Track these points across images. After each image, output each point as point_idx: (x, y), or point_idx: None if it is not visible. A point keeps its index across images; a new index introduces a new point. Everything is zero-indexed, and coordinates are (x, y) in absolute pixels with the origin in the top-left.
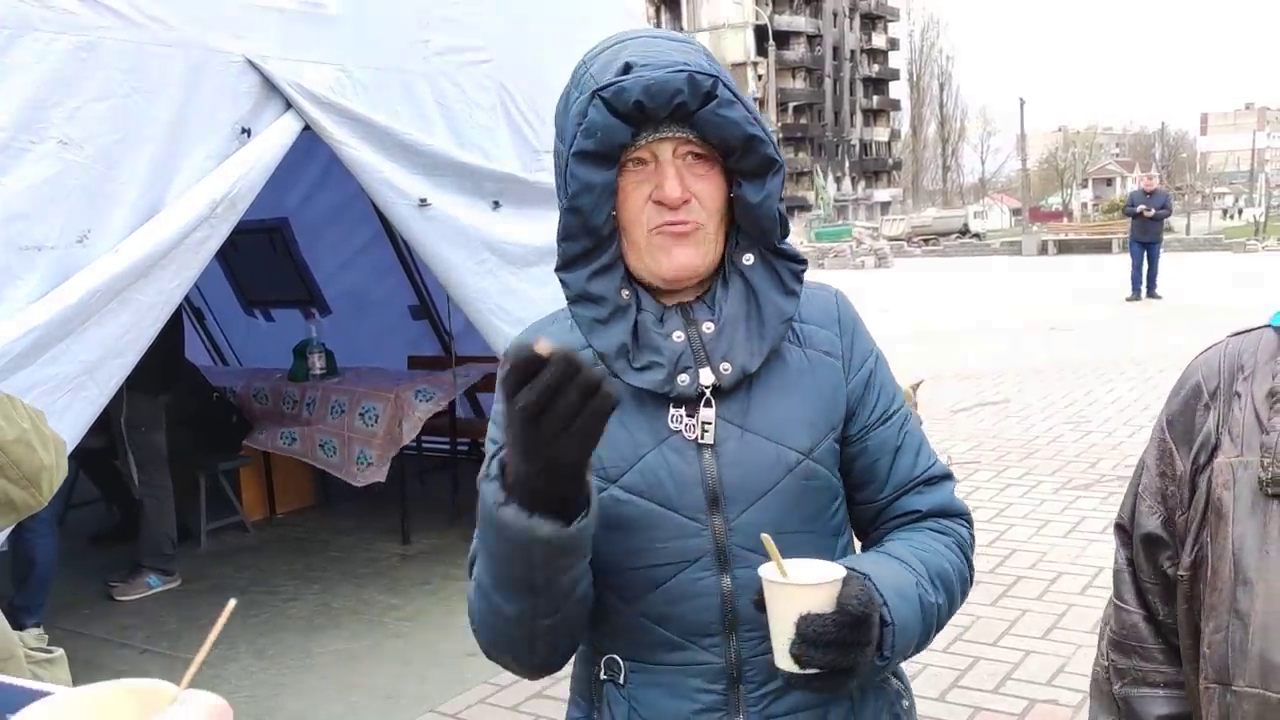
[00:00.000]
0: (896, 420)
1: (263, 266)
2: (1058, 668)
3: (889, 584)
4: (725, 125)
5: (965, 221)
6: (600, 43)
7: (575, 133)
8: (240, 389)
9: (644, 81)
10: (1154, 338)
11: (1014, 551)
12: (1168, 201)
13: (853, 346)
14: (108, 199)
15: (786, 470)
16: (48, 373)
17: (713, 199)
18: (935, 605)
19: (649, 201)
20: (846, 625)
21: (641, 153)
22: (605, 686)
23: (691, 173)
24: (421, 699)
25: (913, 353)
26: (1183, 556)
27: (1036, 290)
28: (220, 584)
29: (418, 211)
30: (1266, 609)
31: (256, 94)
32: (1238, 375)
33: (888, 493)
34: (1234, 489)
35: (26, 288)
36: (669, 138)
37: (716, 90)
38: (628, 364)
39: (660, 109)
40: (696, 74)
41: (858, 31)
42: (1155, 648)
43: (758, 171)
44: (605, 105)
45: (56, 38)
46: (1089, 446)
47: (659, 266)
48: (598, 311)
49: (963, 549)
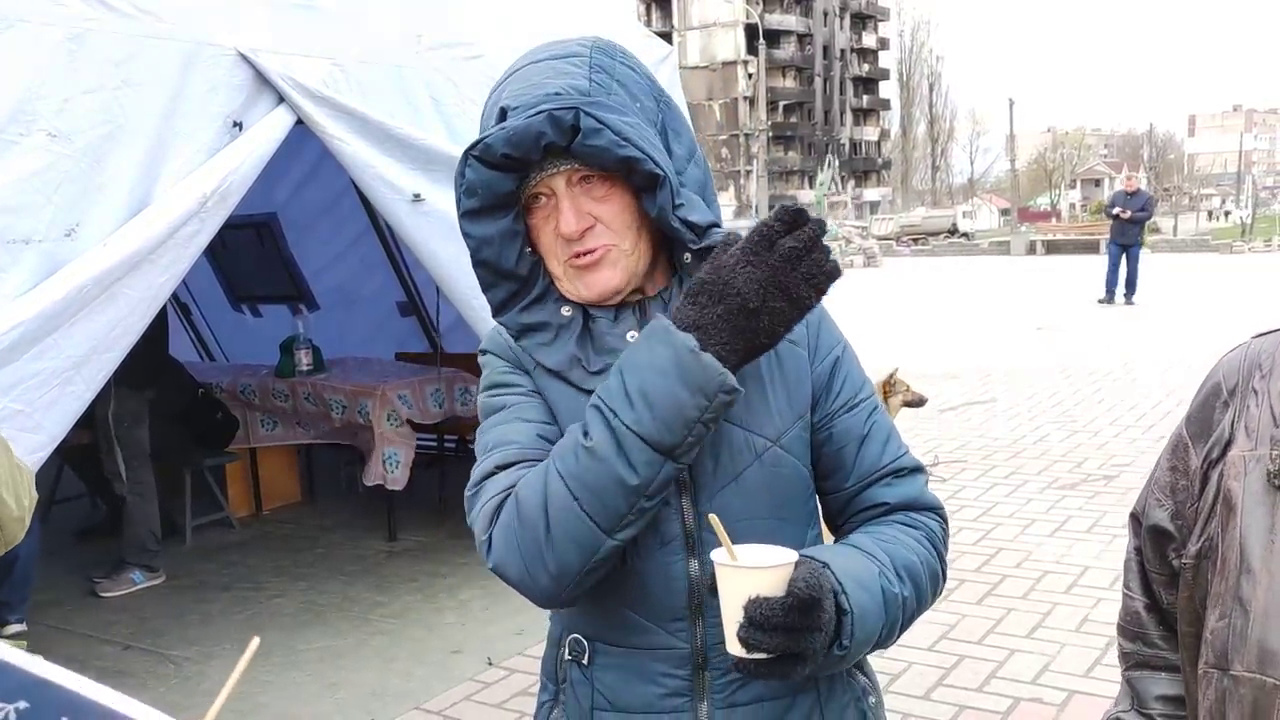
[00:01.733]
0: (863, 409)
1: (251, 262)
2: (1042, 666)
3: (848, 572)
4: (595, 153)
5: (954, 221)
6: (501, 75)
7: (459, 195)
8: (227, 384)
9: (505, 134)
10: (1140, 338)
11: (1000, 550)
12: (1148, 203)
13: (819, 335)
14: (97, 192)
15: (755, 456)
16: (34, 367)
17: (619, 217)
18: (899, 597)
19: (556, 235)
20: (794, 609)
21: (539, 188)
22: (570, 667)
23: (590, 196)
24: (407, 696)
25: (900, 351)
26: (1188, 546)
27: (1024, 290)
28: (205, 580)
29: (411, 207)
30: (1268, 597)
31: (249, 87)
32: (1255, 373)
33: (853, 482)
34: (1244, 480)
35: (13, 282)
36: (557, 172)
37: (579, 122)
38: (584, 371)
39: (529, 154)
40: (555, 111)
41: (848, 31)
42: (1156, 634)
43: (648, 186)
44: (479, 161)
45: (46, 29)
46: (1075, 446)
47: (578, 293)
48: (542, 338)
49: (933, 543)
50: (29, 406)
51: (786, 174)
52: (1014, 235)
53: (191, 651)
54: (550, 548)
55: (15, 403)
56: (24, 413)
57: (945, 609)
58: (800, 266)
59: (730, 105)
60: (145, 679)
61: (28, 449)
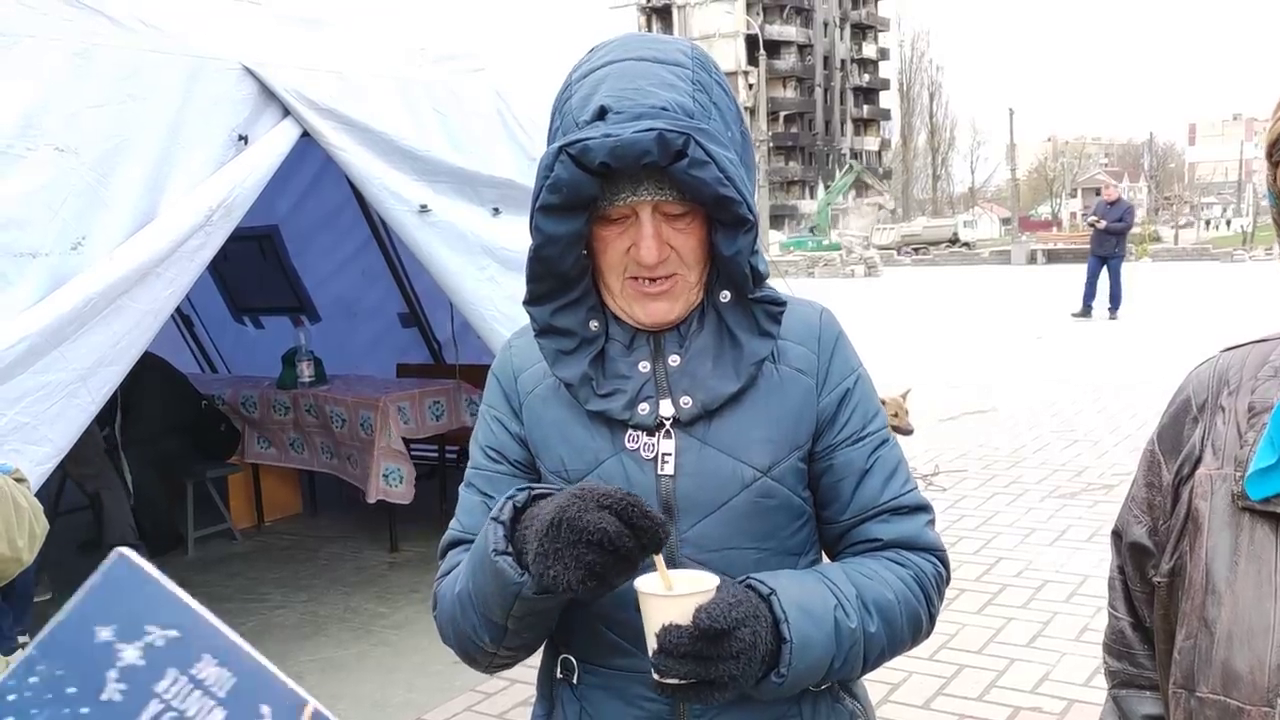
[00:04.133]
0: (869, 444)
1: (252, 274)
2: (1042, 675)
3: (796, 601)
4: (696, 185)
5: (955, 230)
6: (591, 53)
7: (541, 186)
8: (229, 396)
9: (610, 144)
10: (1141, 347)
11: (1000, 560)
12: (1127, 214)
13: (830, 364)
14: (103, 206)
15: (742, 486)
16: (41, 380)
17: (693, 251)
18: (857, 631)
19: (628, 255)
20: (699, 638)
21: (625, 210)
22: (560, 686)
23: (671, 227)
24: (409, 706)
25: (901, 361)
26: (1162, 564)
27: (1025, 299)
28: (207, 592)
29: (418, 218)
30: (1232, 619)
31: (254, 101)
32: (1224, 390)
33: (849, 515)
34: (1211, 500)
35: (20, 295)
36: (648, 200)
37: (688, 150)
38: (591, 391)
39: (628, 168)
40: (667, 132)
41: (848, 41)
42: (1141, 653)
43: (731, 224)
44: (572, 160)
45: (51, 44)
46: (1075, 455)
47: (634, 315)
48: (563, 344)
49: (921, 583)
50: (35, 419)
51: (787, 184)
52: (1015, 244)
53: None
54: (470, 641)
55: (22, 415)
56: (30, 425)
57: (945, 618)
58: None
59: None
60: None
61: (34, 461)
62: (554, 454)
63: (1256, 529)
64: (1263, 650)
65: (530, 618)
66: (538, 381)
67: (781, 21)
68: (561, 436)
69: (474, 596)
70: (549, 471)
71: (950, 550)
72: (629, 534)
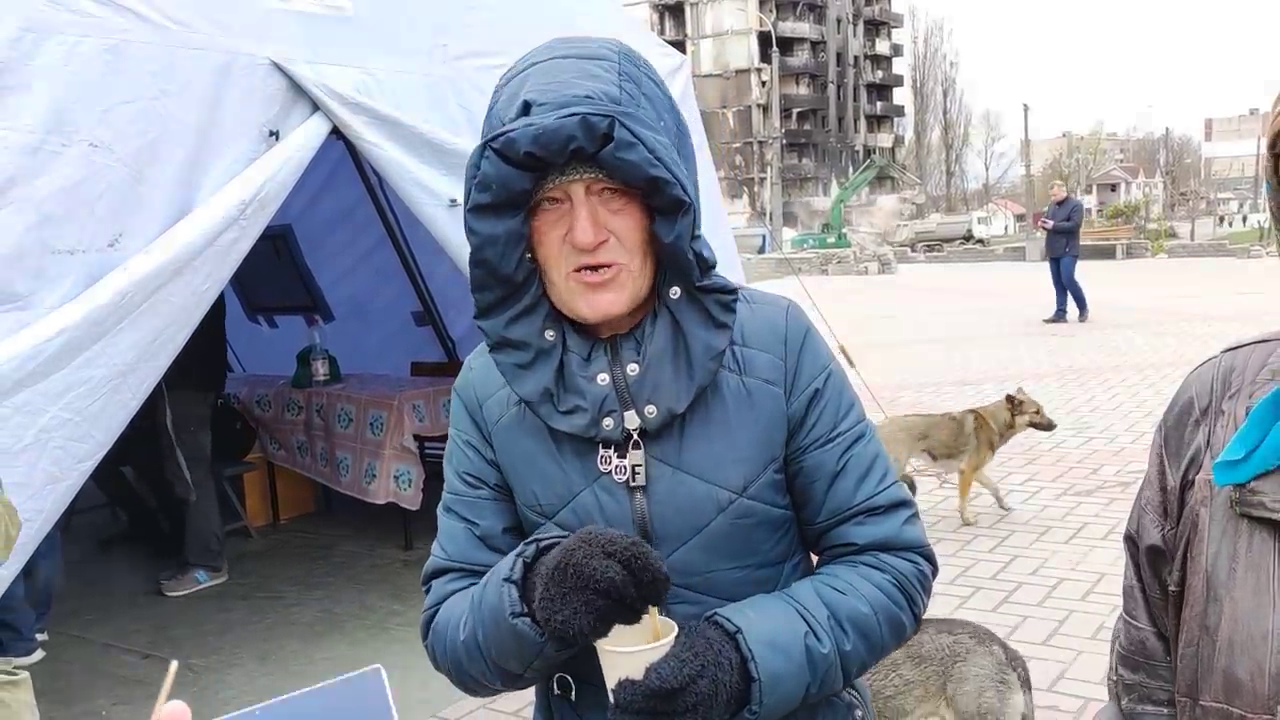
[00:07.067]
0: (839, 444)
1: (266, 273)
2: (1058, 674)
3: (763, 637)
4: (626, 168)
5: (969, 227)
6: (516, 62)
7: (469, 188)
8: (244, 395)
9: (533, 131)
10: (1155, 342)
11: (1015, 558)
12: (1074, 212)
13: (798, 366)
14: (138, 202)
15: (718, 510)
16: (83, 375)
17: (632, 234)
18: (830, 655)
19: (565, 243)
20: (654, 696)
21: (554, 192)
22: (559, 702)
23: (607, 209)
24: (424, 704)
25: (916, 357)
26: (1173, 571)
27: (1038, 295)
28: (224, 589)
29: (448, 212)
30: (1232, 626)
31: (283, 96)
32: (1225, 393)
33: (823, 518)
34: (1210, 506)
35: (60, 292)
36: (578, 179)
37: (614, 131)
38: (553, 408)
39: (555, 156)
40: (590, 116)
41: (861, 38)
42: (1162, 665)
43: (668, 210)
44: (498, 155)
45: (82, 40)
46: (1091, 452)
47: (579, 310)
48: (519, 357)
49: (901, 586)
50: (78, 415)
51: (801, 181)
52: (1029, 241)
53: (210, 660)
54: (476, 682)
55: (65, 411)
56: (74, 421)
57: (961, 616)
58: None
59: (744, 113)
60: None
61: (76, 458)
62: (526, 489)
63: (1255, 536)
64: (1262, 658)
65: (546, 662)
66: (503, 410)
67: (794, 18)
68: (532, 470)
69: (486, 649)
70: (523, 505)
71: (964, 547)
72: (633, 584)
